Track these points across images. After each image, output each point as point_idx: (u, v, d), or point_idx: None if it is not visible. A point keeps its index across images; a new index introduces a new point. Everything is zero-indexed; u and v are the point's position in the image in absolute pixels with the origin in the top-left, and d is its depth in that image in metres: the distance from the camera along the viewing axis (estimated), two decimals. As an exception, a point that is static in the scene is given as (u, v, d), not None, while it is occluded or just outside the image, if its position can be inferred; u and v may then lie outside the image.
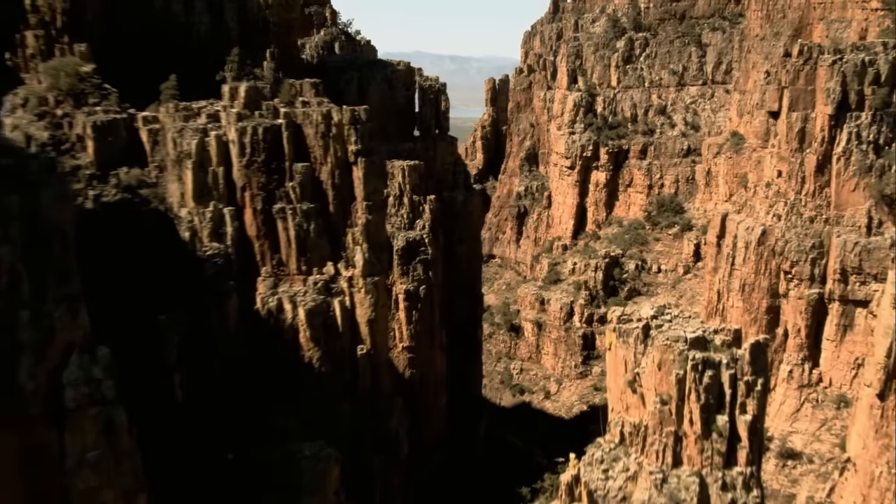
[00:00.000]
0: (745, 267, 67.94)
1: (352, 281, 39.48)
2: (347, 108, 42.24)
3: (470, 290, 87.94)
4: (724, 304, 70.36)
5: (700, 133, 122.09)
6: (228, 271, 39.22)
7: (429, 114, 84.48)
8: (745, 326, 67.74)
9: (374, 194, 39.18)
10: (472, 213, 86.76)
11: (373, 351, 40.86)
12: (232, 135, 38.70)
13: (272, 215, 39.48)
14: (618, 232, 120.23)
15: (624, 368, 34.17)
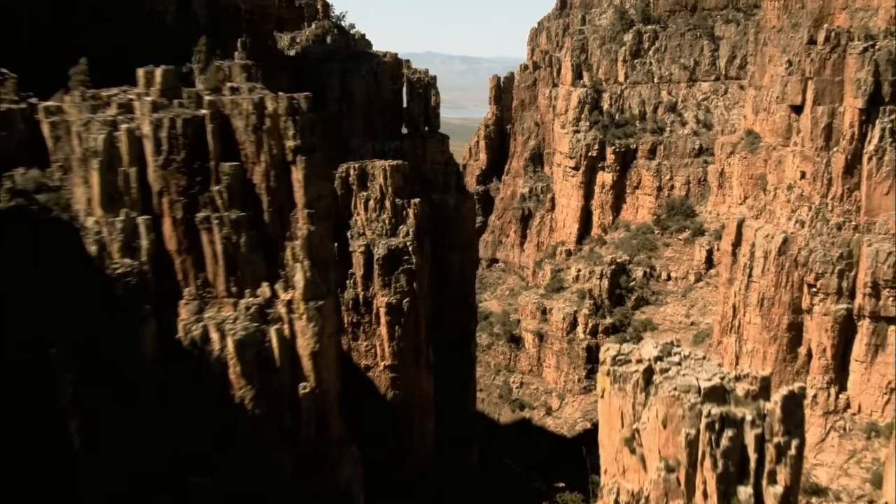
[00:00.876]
0: (763, 279, 60.54)
1: (291, 305, 32.46)
2: (284, 96, 35.11)
3: (463, 301, 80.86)
4: (739, 319, 62.93)
5: (712, 131, 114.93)
6: (143, 293, 32.27)
7: (417, 109, 77.60)
8: (764, 345, 60.39)
9: (319, 200, 32.09)
10: (464, 218, 79.68)
11: (318, 389, 33.76)
12: (146, 128, 31.75)
13: (195, 226, 32.48)
14: (625, 237, 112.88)
15: (620, 422, 26.95)
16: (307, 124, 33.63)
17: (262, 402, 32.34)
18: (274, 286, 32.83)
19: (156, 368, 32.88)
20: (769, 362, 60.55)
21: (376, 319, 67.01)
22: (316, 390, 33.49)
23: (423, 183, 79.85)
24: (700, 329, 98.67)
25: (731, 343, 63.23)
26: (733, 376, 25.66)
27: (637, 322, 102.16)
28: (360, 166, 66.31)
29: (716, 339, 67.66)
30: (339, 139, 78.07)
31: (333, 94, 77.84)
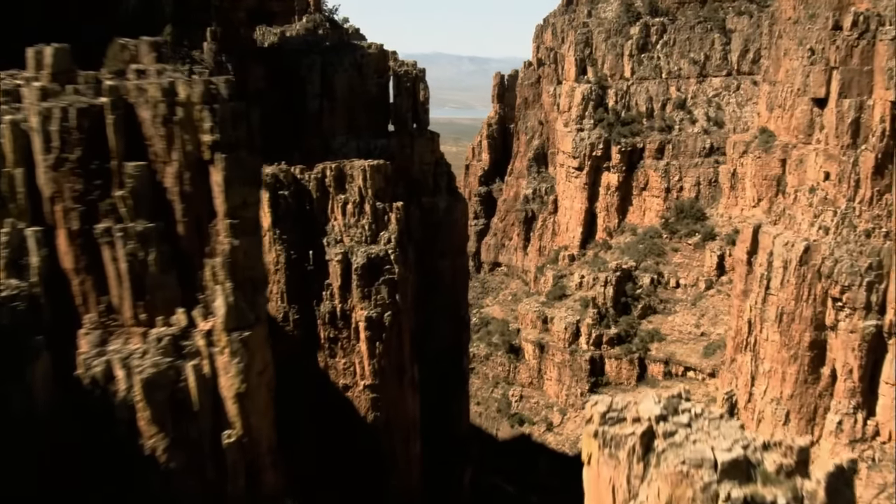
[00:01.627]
0: (783, 292, 54.18)
1: (212, 337, 26.36)
2: (200, 80, 28.91)
3: (454, 312, 74.85)
4: (755, 336, 56.58)
5: (724, 130, 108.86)
6: (34, 321, 26.23)
7: (405, 105, 71.56)
8: (783, 365, 53.99)
9: (244, 208, 25.85)
10: (456, 222, 73.59)
11: (246, 438, 27.57)
12: (34, 121, 25.73)
13: (95, 239, 26.35)
14: (631, 241, 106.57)
15: (611, 499, 20.62)
16: (228, 115, 27.38)
17: (177, 453, 26.25)
18: (191, 313, 26.66)
19: (52, 413, 26.81)
20: (788, 384, 54.19)
21: (355, 335, 61.12)
22: (244, 439, 27.34)
23: (411, 184, 73.80)
24: (711, 340, 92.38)
25: (746, 362, 56.88)
26: (760, 444, 19.32)
27: (644, 332, 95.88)
28: (338, 166, 60.30)
29: (729, 356, 61.29)
30: (320, 137, 72.18)
31: (314, 88, 71.95)
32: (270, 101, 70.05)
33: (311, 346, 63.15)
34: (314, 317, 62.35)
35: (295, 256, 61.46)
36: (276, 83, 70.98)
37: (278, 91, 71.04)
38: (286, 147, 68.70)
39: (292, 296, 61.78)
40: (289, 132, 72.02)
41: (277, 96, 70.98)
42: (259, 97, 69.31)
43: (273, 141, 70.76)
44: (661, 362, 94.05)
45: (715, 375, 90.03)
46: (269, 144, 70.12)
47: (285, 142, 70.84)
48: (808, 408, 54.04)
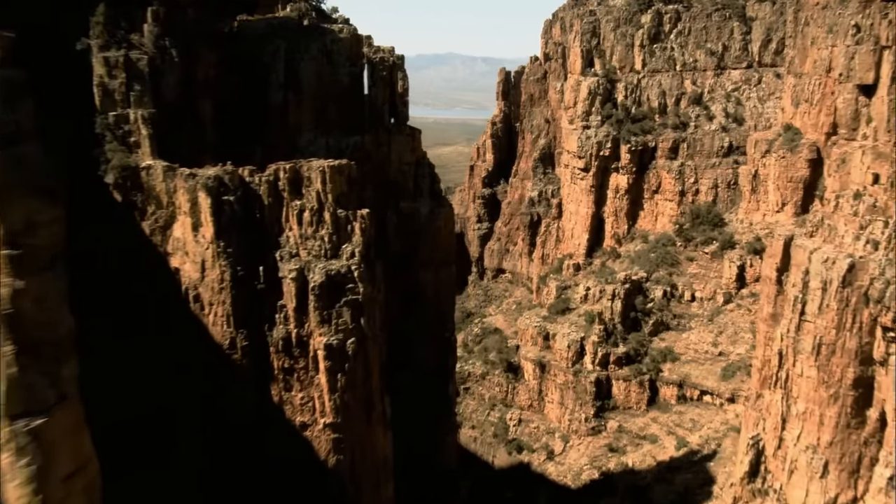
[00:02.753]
0: (821, 318, 45.05)
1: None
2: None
3: (437, 332, 66.19)
4: (787, 370, 47.40)
5: (744, 127, 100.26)
6: None
7: (380, 96, 63.04)
8: (821, 406, 44.87)
9: (29, 232, 16.96)
10: (440, 230, 64.93)
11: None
12: None
13: None
14: (642, 249, 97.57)
15: None
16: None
17: None
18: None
19: None
20: (827, 428, 45.11)
21: (313, 365, 52.45)
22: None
23: (388, 188, 65.15)
24: (730, 361, 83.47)
25: (776, 401, 47.75)
26: None
27: (655, 351, 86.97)
28: (293, 167, 51.53)
29: (754, 390, 52.16)
30: (284, 135, 63.63)
31: (277, 78, 63.43)
32: (227, 93, 61.59)
33: (264, 377, 54.36)
34: (266, 344, 53.52)
35: (242, 273, 52.58)
36: (233, 72, 62.43)
37: (236, 81, 62.56)
38: (246, 146, 60.31)
39: (240, 319, 52.96)
40: (249, 129, 63.64)
41: (235, 87, 62.50)
42: (211, 87, 60.84)
43: (230, 138, 62.43)
44: (675, 385, 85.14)
45: (734, 401, 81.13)
46: (225, 142, 61.71)
47: (245, 140, 62.46)
48: (850, 458, 44.95)
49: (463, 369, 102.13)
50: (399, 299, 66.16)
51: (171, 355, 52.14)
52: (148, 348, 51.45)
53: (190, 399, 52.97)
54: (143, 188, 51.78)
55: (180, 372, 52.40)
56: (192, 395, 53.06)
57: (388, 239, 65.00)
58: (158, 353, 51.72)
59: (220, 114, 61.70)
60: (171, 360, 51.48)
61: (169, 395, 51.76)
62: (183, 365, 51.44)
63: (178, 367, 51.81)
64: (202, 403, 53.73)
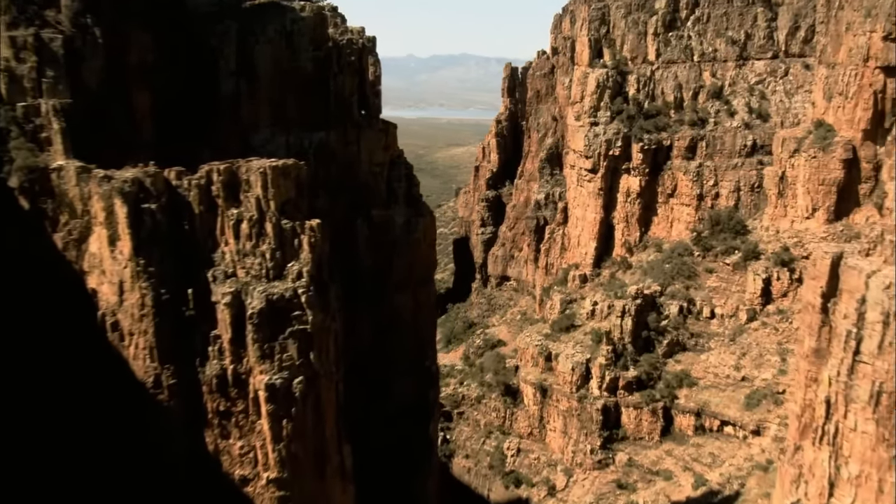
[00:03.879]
0: (882, 359, 36.33)
1: None
2: None
3: (416, 362, 57.67)
4: (837, 423, 38.52)
5: (769, 123, 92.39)
6: None
7: (348, 85, 54.69)
8: (880, 470, 36.02)
9: None
10: (418, 243, 56.53)
11: None
12: None
13: None
14: (655, 259, 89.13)
15: None
16: None
17: None
18: None
19: None
20: (889, 497, 36.12)
21: (254, 408, 44.15)
22: None
23: (357, 192, 56.65)
24: (755, 387, 74.99)
25: (822, 460, 38.90)
26: None
27: (670, 375, 78.40)
28: (228, 168, 43.19)
29: (791, 441, 43.26)
30: (237, 132, 55.45)
31: (227, 65, 55.40)
32: (167, 82, 53.31)
33: (196, 422, 45.91)
34: (198, 382, 45.02)
35: (167, 297, 44.26)
36: (175, 58, 54.19)
37: (178, 68, 54.28)
38: (191, 145, 52.01)
39: (165, 353, 44.68)
40: (195, 125, 55.35)
41: (177, 75, 54.19)
42: (148, 75, 52.58)
43: (172, 136, 54.20)
44: (692, 413, 76.63)
45: (760, 433, 72.57)
46: (166, 140, 53.60)
47: (190, 138, 54.15)
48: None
49: (457, 392, 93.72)
50: (371, 324, 57.70)
51: (86, 398, 43.91)
52: (58, 392, 43.26)
53: (106, 449, 44.59)
54: (55, 193, 43.48)
55: (95, 417, 44.11)
56: (108, 445, 44.68)
57: (359, 253, 56.63)
58: (69, 398, 43.49)
59: (159, 107, 53.48)
60: (85, 404, 43.28)
61: (80, 448, 43.49)
62: (99, 408, 43.22)
63: (93, 411, 43.60)
64: (123, 453, 45.27)
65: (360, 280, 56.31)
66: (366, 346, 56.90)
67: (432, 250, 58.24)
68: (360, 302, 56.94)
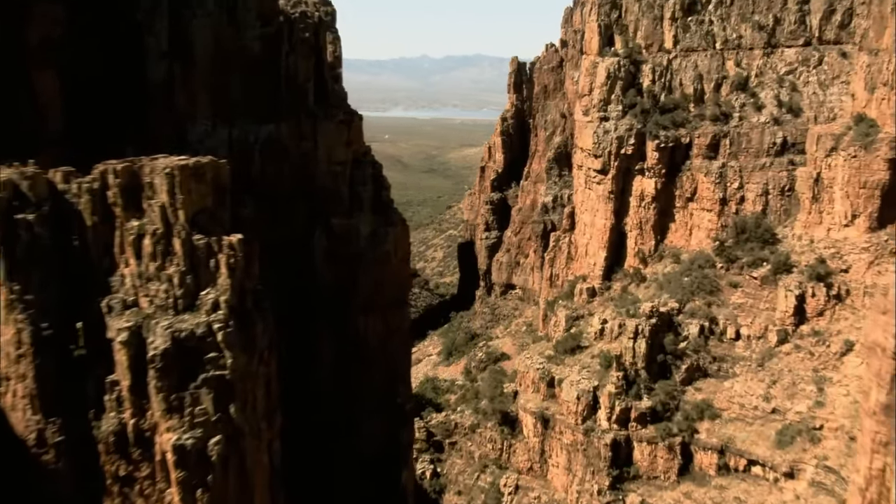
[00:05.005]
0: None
1: None
2: None
3: (386, 398, 48.66)
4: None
5: (802, 118, 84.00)
6: None
7: (302, 68, 45.64)
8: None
9: None
10: (388, 258, 47.81)
11: None
12: None
13: None
14: (672, 272, 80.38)
15: None
16: None
17: None
18: None
19: None
20: None
21: (162, 473, 35.63)
22: None
23: (314, 196, 47.76)
24: (787, 422, 66.35)
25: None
26: None
27: (689, 406, 69.63)
28: (127, 169, 34.65)
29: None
30: (170, 123, 46.91)
31: (158, 44, 46.94)
32: (82, 64, 44.78)
33: (92, 489, 37.32)
34: (92, 439, 36.44)
35: (51, 332, 35.63)
36: (91, 34, 45.66)
37: (96, 47, 45.70)
38: (113, 140, 43.51)
39: (50, 402, 36.41)
40: (118, 116, 46.86)
41: (95, 55, 45.59)
42: (55, 54, 44.12)
43: (89, 129, 45.78)
44: (714, 450, 67.79)
45: (794, 476, 63.82)
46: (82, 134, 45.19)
47: (112, 131, 45.69)
48: None
49: (449, 419, 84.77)
50: (332, 352, 48.97)
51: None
52: None
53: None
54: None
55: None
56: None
57: (316, 269, 47.94)
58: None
59: (70, 92, 44.95)
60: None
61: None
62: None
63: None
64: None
65: (320, 300, 47.68)
66: (325, 380, 48.27)
67: (405, 266, 49.43)
68: (319, 326, 48.35)
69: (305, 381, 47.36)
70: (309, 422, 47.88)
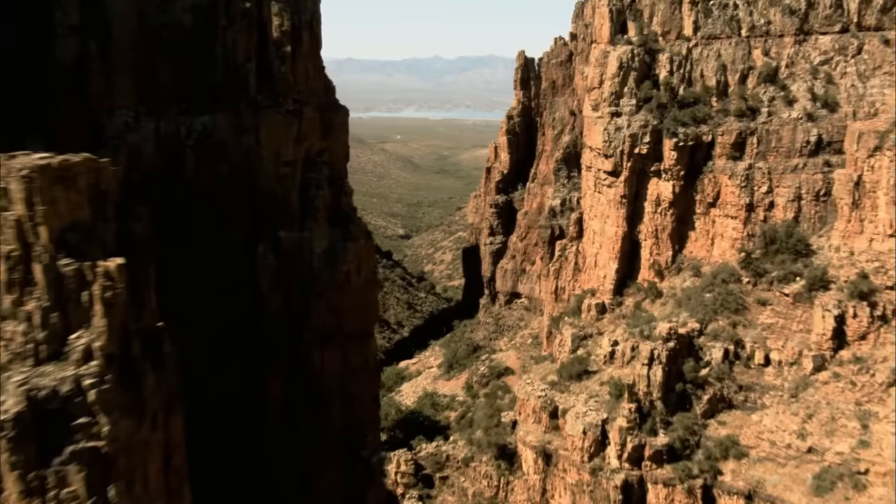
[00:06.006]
0: None
1: None
2: None
3: (347, 450, 40.33)
4: None
5: (839, 114, 76.27)
6: None
7: (242, 46, 37.34)
8: None
9: None
10: (347, 279, 39.53)
11: None
12: None
13: None
14: (692, 287, 72.47)
15: None
16: None
17: None
18: None
19: None
20: None
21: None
22: None
23: (258, 204, 39.56)
24: (826, 463, 58.43)
25: None
26: None
27: (712, 443, 61.51)
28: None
29: None
30: (84, 113, 38.74)
31: (67, 18, 38.55)
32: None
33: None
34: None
35: None
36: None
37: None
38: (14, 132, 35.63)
39: None
40: (21, 103, 38.85)
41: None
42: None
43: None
44: (741, 496, 59.95)
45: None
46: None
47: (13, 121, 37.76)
48: None
49: (440, 451, 76.52)
50: (282, 395, 40.88)
51: None
52: None
53: None
54: None
55: None
56: None
57: (260, 291, 39.92)
58: None
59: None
60: None
61: None
62: None
63: None
64: None
65: (267, 330, 39.65)
66: (274, 428, 40.18)
67: (370, 290, 41.13)
68: (266, 362, 40.32)
69: (248, 429, 39.32)
70: (253, 480, 39.69)
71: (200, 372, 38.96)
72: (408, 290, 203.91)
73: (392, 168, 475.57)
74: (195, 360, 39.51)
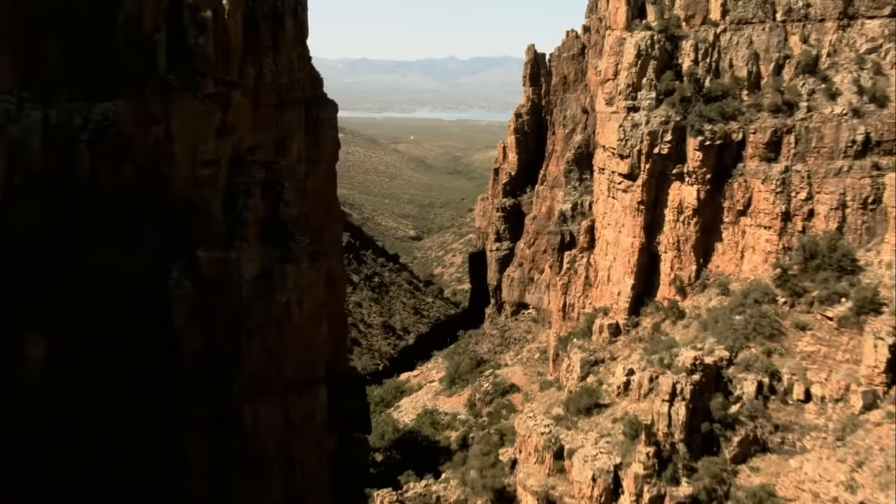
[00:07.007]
0: None
1: None
2: None
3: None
4: None
5: (889, 109, 67.92)
6: None
7: (148, 13, 28.39)
8: None
9: None
10: (287, 312, 30.42)
11: None
12: None
13: None
14: (720, 307, 64.25)
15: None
16: None
17: None
18: None
19: None
20: None
21: None
22: None
23: (168, 213, 30.87)
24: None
25: None
26: None
27: (744, 493, 53.59)
28: None
29: None
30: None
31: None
32: None
33: None
34: None
35: None
36: None
37: None
38: None
39: None
40: None
41: None
42: None
43: None
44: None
45: None
46: None
47: None
48: None
49: (430, 491, 68.04)
50: (206, 459, 32.30)
51: None
52: None
53: None
54: None
55: None
56: None
57: (174, 328, 31.41)
58: None
59: None
60: None
61: None
62: None
63: None
64: None
65: (181, 377, 31.12)
66: (198, 500, 31.65)
67: (316, 326, 32.33)
68: (186, 417, 31.76)
69: (169, 501, 30.82)
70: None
71: (101, 429, 30.56)
72: (414, 295, 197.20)
73: (404, 168, 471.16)
74: (99, 413, 31.17)
